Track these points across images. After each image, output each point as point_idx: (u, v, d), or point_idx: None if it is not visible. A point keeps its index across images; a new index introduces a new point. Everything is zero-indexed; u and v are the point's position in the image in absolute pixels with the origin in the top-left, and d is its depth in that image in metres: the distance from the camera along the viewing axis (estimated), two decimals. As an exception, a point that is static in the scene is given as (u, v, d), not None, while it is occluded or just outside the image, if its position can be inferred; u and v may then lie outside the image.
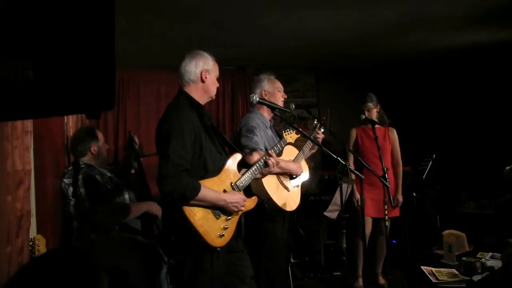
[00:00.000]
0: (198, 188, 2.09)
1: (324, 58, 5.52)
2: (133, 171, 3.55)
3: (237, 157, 2.40)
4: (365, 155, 3.95)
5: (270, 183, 2.84)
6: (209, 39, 4.32)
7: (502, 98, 5.20)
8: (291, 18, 3.88)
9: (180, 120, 2.18)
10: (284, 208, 2.88)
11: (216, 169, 2.26)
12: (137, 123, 5.39)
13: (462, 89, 5.52)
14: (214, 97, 2.42)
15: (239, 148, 2.83)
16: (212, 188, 2.19)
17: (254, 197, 2.43)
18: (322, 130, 3.31)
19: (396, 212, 3.99)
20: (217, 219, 2.20)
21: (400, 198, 3.99)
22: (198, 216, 2.13)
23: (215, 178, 2.23)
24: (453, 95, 5.60)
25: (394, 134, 4.10)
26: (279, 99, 3.16)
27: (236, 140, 2.98)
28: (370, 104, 4.02)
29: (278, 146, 2.76)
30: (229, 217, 2.26)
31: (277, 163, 2.59)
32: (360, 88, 4.99)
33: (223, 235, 2.20)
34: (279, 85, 3.20)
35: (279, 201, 2.84)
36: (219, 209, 2.21)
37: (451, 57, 5.32)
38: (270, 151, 2.55)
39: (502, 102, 5.20)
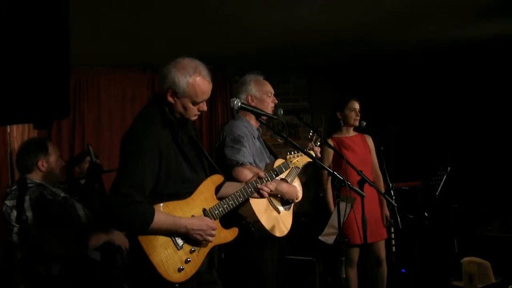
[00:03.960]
0: (150, 218, 2.06)
1: (317, 56, 5.55)
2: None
3: (217, 179, 2.36)
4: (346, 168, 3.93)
5: (258, 203, 2.80)
6: (182, 33, 4.31)
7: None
8: (279, 8, 3.89)
9: (143, 139, 2.12)
10: (273, 232, 2.85)
11: (187, 192, 2.23)
12: (98, 132, 5.36)
13: (477, 88, 5.54)
14: (191, 119, 2.29)
15: (222, 161, 2.79)
16: (173, 212, 2.15)
17: (233, 229, 2.36)
18: (319, 142, 3.29)
19: (384, 233, 4.00)
20: (178, 250, 2.15)
21: (388, 215, 4.01)
22: (157, 243, 2.11)
23: (182, 201, 2.20)
24: (468, 95, 5.60)
25: (371, 142, 4.13)
26: (269, 105, 3.14)
27: (218, 152, 2.96)
28: (357, 104, 3.99)
29: (277, 170, 2.64)
30: (193, 249, 2.19)
31: (271, 191, 2.51)
32: (359, 89, 5.01)
33: (182, 269, 2.14)
34: (268, 88, 3.17)
35: (268, 224, 2.81)
36: (183, 237, 2.16)
37: (461, 52, 5.38)
38: (261, 173, 2.47)
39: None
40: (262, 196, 2.47)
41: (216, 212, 2.28)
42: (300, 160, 2.82)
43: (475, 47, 5.24)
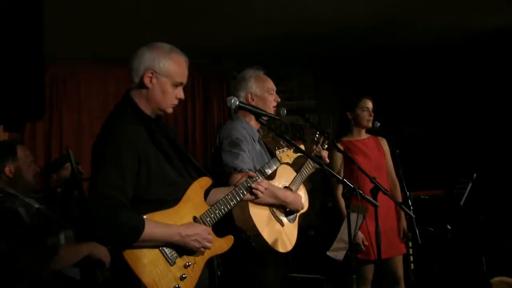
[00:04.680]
0: (141, 226, 2.04)
1: (326, 49, 5.55)
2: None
3: (205, 182, 2.37)
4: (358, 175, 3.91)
5: (259, 214, 2.81)
6: (172, 22, 4.32)
7: None
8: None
9: (118, 139, 2.13)
10: (276, 247, 2.84)
11: (174, 198, 2.23)
12: (77, 134, 5.36)
13: (509, 84, 5.51)
14: (168, 111, 2.34)
15: (219, 168, 2.80)
16: (163, 221, 2.16)
17: (228, 237, 2.36)
18: (326, 145, 3.30)
19: (402, 248, 4.00)
20: (171, 265, 2.14)
21: (406, 228, 4.00)
22: (146, 260, 2.08)
23: (169, 211, 2.19)
24: (496, 92, 5.58)
25: (386, 145, 4.11)
26: (271, 104, 3.15)
27: (214, 158, 2.97)
28: (370, 103, 3.98)
29: (267, 167, 2.71)
30: (188, 263, 2.19)
31: (266, 190, 2.56)
32: (371, 86, 5.01)
33: None
34: (270, 85, 3.18)
35: (270, 238, 2.81)
36: (176, 249, 2.16)
37: (488, 44, 5.38)
38: (250, 173, 2.52)
39: None
40: (256, 197, 2.50)
41: (208, 219, 2.29)
42: (290, 154, 2.82)
43: (505, 39, 5.22)
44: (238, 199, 2.43)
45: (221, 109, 5.77)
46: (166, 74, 2.27)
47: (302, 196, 3.08)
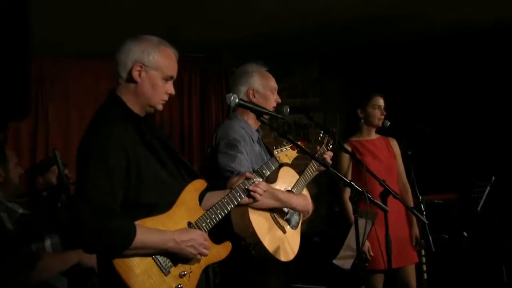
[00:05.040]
0: (132, 233, 2.03)
1: (332, 41, 5.54)
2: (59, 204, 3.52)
3: (199, 185, 2.37)
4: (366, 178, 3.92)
5: (260, 220, 2.81)
6: (167, 14, 4.31)
7: None
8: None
9: (105, 139, 2.12)
10: (277, 256, 2.84)
11: (167, 202, 2.23)
12: (66, 134, 5.35)
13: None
14: (158, 108, 2.34)
15: (215, 171, 2.80)
16: (155, 227, 2.16)
17: (226, 243, 2.37)
18: (331, 146, 3.30)
19: (414, 257, 3.99)
20: (166, 275, 2.13)
21: (418, 235, 4.00)
22: (138, 270, 2.07)
23: (162, 216, 2.19)
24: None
25: (397, 146, 4.14)
26: (272, 104, 3.15)
27: (211, 160, 2.97)
28: (382, 100, 3.99)
29: (265, 168, 2.73)
30: (184, 272, 2.18)
31: (265, 192, 2.57)
32: (381, 83, 4.99)
33: None
34: (273, 83, 3.19)
35: (271, 246, 2.81)
36: (170, 258, 2.15)
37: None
38: (248, 174, 2.53)
39: None
40: (254, 200, 2.53)
41: (203, 224, 2.30)
42: (289, 154, 2.86)
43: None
44: (235, 202, 2.45)
45: (219, 107, 5.75)
46: (156, 67, 2.27)
47: (308, 198, 3.09)
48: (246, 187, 2.49)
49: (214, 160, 2.91)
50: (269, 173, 2.73)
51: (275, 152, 2.83)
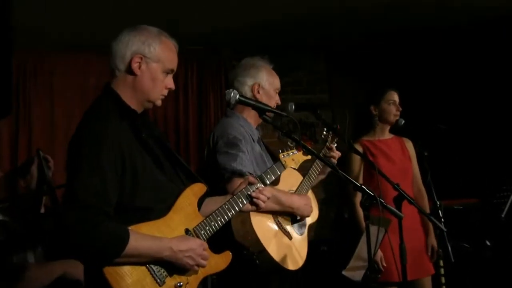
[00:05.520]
0: (125, 238, 2.03)
1: (340, 33, 5.55)
2: (43, 210, 3.49)
3: (199, 189, 2.38)
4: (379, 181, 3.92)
5: (263, 226, 2.83)
6: (162, 5, 4.32)
7: None
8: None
9: (98, 138, 2.12)
10: (284, 265, 2.86)
11: (164, 206, 2.23)
12: (50, 135, 5.35)
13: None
14: (157, 103, 2.36)
15: (214, 172, 2.81)
16: (151, 233, 2.16)
17: (225, 253, 2.38)
18: (336, 144, 3.31)
19: (430, 269, 3.98)
20: (160, 286, 2.13)
21: (436, 245, 4.01)
22: (130, 279, 2.07)
23: (158, 221, 2.19)
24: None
25: (412, 147, 4.15)
26: (273, 105, 3.16)
27: (208, 160, 2.99)
28: (397, 95, 3.99)
29: (270, 173, 2.72)
30: (180, 284, 2.18)
31: (268, 198, 2.57)
32: (393, 78, 4.97)
33: None
34: (278, 83, 3.24)
35: (276, 255, 2.83)
36: (165, 267, 2.15)
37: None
38: (251, 178, 2.53)
39: None
40: (257, 207, 2.52)
41: (202, 232, 2.31)
42: (296, 158, 2.86)
43: None
44: (237, 209, 2.45)
45: (218, 103, 5.76)
46: (157, 59, 2.28)
47: (312, 201, 3.11)
48: (248, 193, 2.49)
49: (211, 162, 2.92)
50: (273, 178, 2.72)
51: (281, 156, 2.83)
